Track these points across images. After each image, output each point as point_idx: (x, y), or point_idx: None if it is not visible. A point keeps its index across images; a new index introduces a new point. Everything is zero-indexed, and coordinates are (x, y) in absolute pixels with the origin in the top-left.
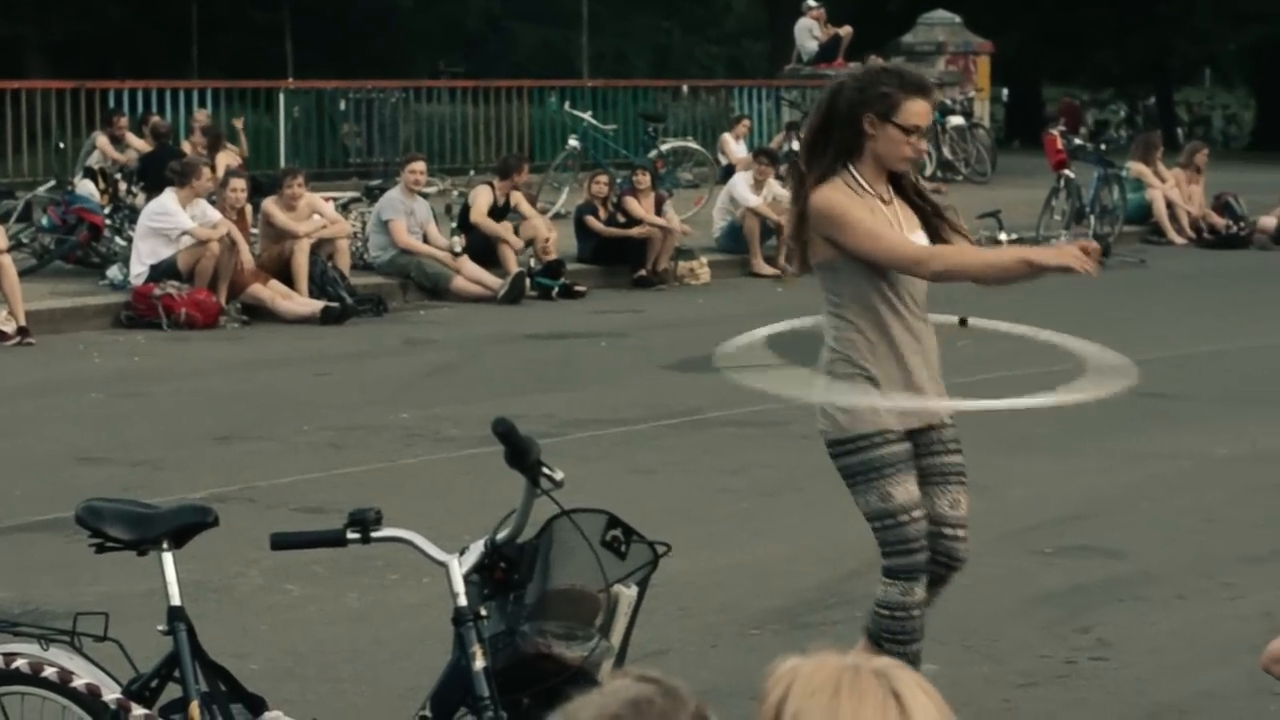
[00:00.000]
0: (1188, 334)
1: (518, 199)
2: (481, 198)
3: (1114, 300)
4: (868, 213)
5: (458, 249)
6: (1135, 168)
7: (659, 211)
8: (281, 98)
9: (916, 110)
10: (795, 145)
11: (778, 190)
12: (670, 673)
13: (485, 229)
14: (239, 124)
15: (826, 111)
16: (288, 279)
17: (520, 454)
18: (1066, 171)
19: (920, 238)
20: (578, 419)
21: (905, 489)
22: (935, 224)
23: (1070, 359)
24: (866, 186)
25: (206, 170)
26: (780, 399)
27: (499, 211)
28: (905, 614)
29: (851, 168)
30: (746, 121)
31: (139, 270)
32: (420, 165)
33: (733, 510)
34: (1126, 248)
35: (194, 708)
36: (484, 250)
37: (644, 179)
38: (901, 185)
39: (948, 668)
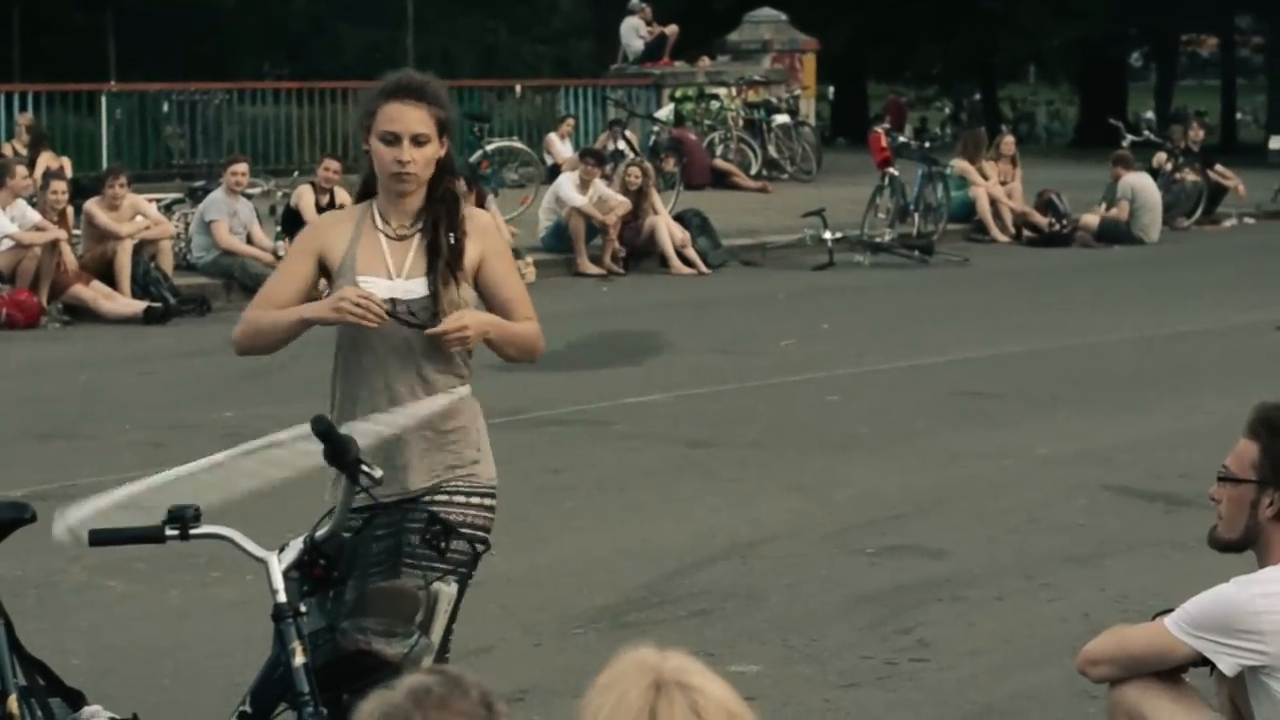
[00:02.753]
0: (1009, 333)
1: (343, 197)
2: (305, 198)
3: (936, 299)
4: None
5: (281, 251)
6: (959, 165)
7: (482, 208)
8: (104, 100)
9: (392, 115)
10: (619, 145)
11: (603, 190)
12: (492, 670)
13: None
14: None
15: None
16: (110, 279)
17: (339, 452)
18: (891, 169)
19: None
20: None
21: None
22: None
23: None
24: (377, 217)
25: (21, 169)
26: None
27: (324, 210)
28: None
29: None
30: (570, 121)
31: None
32: (242, 167)
33: (555, 509)
34: (950, 246)
35: (12, 701)
36: None
37: (459, 184)
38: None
39: (769, 667)
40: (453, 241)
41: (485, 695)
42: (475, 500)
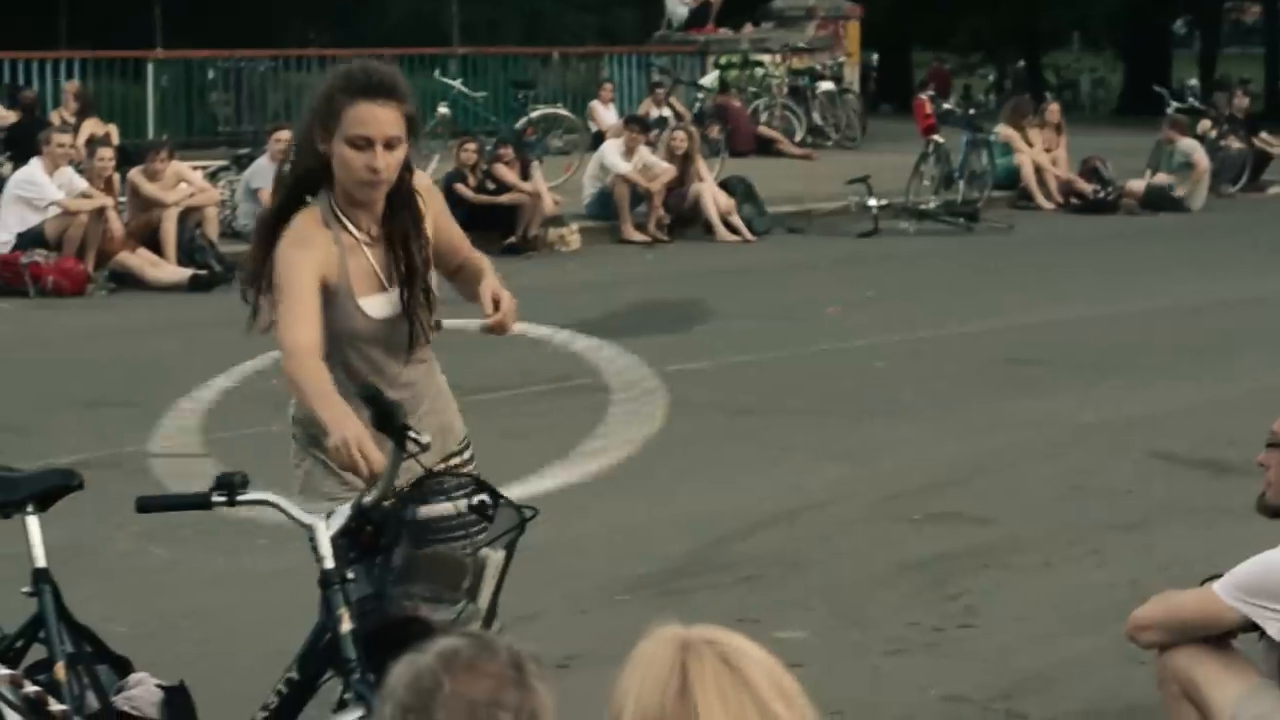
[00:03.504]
0: (1054, 300)
1: None
2: None
3: (982, 266)
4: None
5: None
6: (1004, 132)
7: (526, 177)
8: (150, 67)
9: (363, 117)
10: (664, 111)
11: (648, 157)
12: (537, 638)
13: None
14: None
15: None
16: (156, 247)
17: (387, 417)
18: (936, 137)
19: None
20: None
21: None
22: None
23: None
24: (348, 224)
25: (59, 135)
26: None
27: None
28: None
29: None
30: (611, 85)
31: (5, 238)
32: (286, 134)
33: (599, 476)
34: (995, 213)
35: (59, 668)
36: None
37: (507, 151)
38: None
39: (815, 634)
40: (422, 251)
41: (515, 657)
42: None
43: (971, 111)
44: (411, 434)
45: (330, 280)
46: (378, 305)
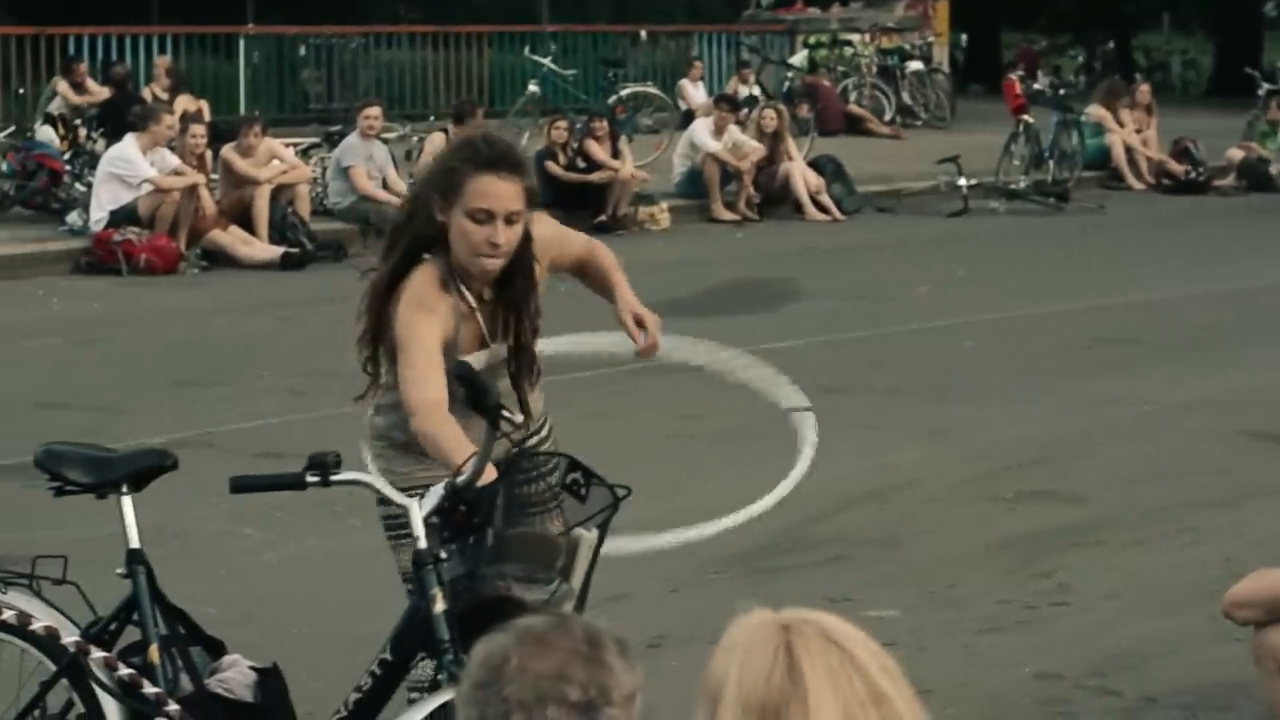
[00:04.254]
0: (1145, 279)
1: None
2: (437, 144)
3: (1072, 246)
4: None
5: None
6: (1096, 112)
7: (615, 155)
8: (241, 43)
9: (486, 190)
10: (753, 89)
11: (738, 136)
12: (629, 617)
13: None
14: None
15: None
16: (248, 225)
17: (480, 397)
18: (1026, 117)
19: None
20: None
21: None
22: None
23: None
24: (463, 288)
25: (167, 117)
26: None
27: None
28: None
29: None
30: (700, 65)
31: (99, 216)
32: (375, 111)
33: (689, 455)
34: (1085, 193)
35: (153, 650)
36: None
37: (601, 126)
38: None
39: (907, 613)
40: (533, 321)
41: (592, 634)
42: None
43: (1061, 92)
44: (505, 413)
45: (446, 330)
46: (479, 359)
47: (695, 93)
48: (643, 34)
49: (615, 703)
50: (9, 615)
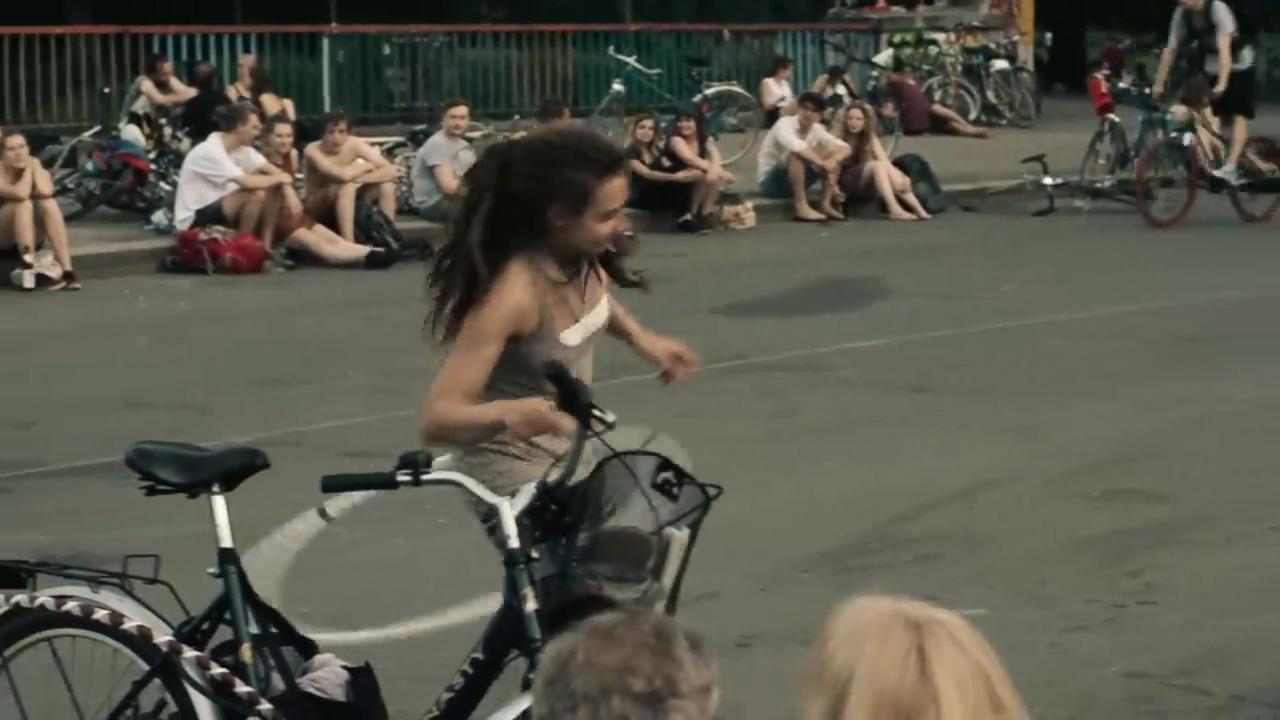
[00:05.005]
0: (1230, 278)
1: None
2: None
3: (1157, 244)
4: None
5: None
6: (1180, 111)
7: (703, 154)
8: (325, 42)
9: (615, 192)
10: (838, 89)
11: (823, 135)
12: (718, 616)
13: None
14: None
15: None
16: (333, 224)
17: (571, 396)
18: (1111, 115)
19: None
20: (626, 362)
21: None
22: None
23: None
24: (551, 270)
25: (253, 117)
26: None
27: None
28: None
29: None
30: (788, 65)
31: (184, 215)
32: (461, 110)
33: (778, 453)
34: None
35: (245, 650)
36: None
37: (689, 125)
38: None
39: (994, 611)
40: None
41: (662, 628)
42: None
43: (1146, 91)
44: (597, 412)
45: (528, 328)
46: (575, 334)
47: (779, 91)
48: (726, 33)
49: (684, 695)
50: (101, 615)
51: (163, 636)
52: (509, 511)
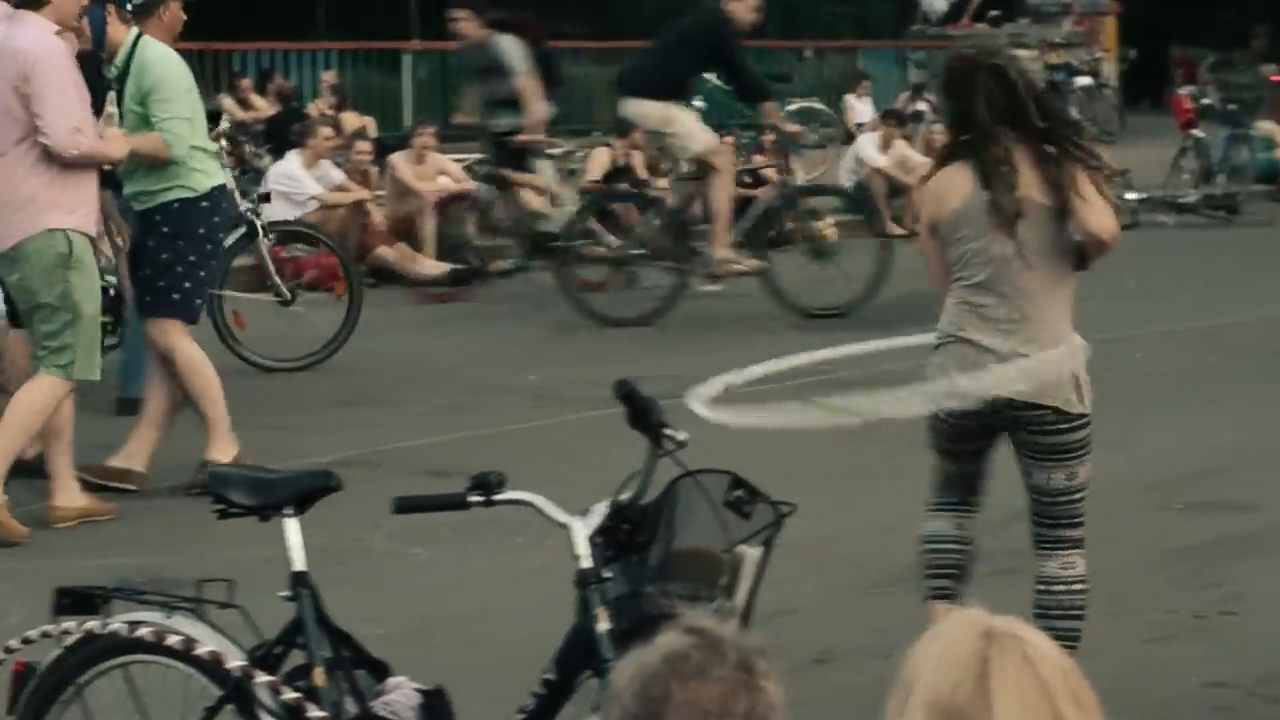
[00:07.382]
0: None
1: (635, 160)
2: (599, 159)
3: (1241, 259)
4: None
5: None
6: (1265, 127)
7: (786, 170)
8: (407, 59)
9: None
10: (921, 107)
11: (905, 151)
12: (796, 632)
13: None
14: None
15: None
16: (415, 241)
17: (642, 415)
18: (1195, 131)
19: None
20: (704, 379)
21: None
22: None
23: None
24: None
25: (325, 129)
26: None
27: (618, 173)
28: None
29: None
30: (867, 82)
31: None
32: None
33: (860, 468)
34: (1255, 207)
35: (318, 674)
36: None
37: (770, 141)
38: None
39: None
40: None
41: (744, 657)
42: None
43: (1231, 106)
44: (667, 431)
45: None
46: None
47: (861, 108)
48: (808, 51)
49: None
50: (174, 641)
51: (235, 661)
52: (581, 531)
